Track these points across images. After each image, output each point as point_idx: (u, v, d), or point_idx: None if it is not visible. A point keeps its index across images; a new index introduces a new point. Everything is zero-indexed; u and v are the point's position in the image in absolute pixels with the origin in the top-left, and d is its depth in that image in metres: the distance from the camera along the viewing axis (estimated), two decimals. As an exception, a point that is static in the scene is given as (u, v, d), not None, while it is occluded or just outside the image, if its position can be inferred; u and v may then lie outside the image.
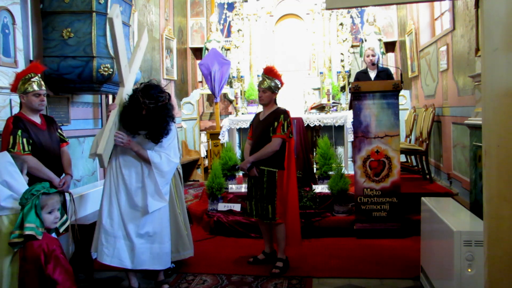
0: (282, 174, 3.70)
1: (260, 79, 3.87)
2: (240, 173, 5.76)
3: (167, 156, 3.23)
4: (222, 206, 5.02)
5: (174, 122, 3.29)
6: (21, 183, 2.84)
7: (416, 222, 3.88)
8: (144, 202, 3.17)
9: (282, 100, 7.15)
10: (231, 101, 8.09)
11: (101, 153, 2.99)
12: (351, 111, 4.88)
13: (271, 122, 3.71)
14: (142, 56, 3.67)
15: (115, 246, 3.13)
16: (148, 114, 3.08)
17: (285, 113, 3.74)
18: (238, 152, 5.75)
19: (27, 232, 2.60)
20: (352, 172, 4.98)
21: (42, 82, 3.21)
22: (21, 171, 2.93)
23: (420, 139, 5.96)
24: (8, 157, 2.86)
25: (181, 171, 3.82)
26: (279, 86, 3.80)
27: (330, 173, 5.15)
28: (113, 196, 3.19)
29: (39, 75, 3.20)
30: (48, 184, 2.80)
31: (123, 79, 3.28)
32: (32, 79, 3.13)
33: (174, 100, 3.48)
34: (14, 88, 3.17)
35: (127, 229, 3.16)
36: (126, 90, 3.28)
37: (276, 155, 3.68)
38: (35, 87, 3.14)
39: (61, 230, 2.91)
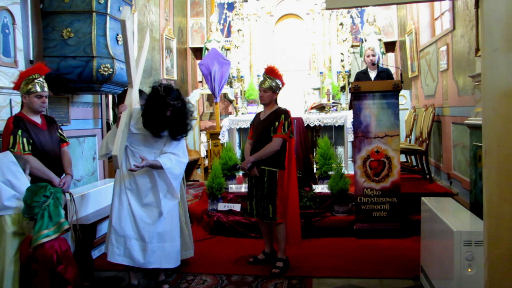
0: (282, 173, 3.70)
1: (261, 79, 3.88)
2: (240, 173, 5.76)
3: (176, 158, 3.26)
4: (222, 206, 5.03)
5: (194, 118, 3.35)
6: (24, 183, 2.85)
7: (416, 222, 3.88)
8: (156, 203, 3.21)
9: (282, 100, 7.14)
10: (231, 101, 8.09)
11: (116, 154, 3.03)
12: (351, 111, 4.88)
13: (271, 122, 3.71)
14: (145, 57, 3.68)
15: (125, 245, 3.15)
16: (174, 114, 3.13)
17: (286, 113, 3.75)
18: (238, 152, 5.75)
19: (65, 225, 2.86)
20: (352, 172, 4.98)
21: (45, 84, 3.20)
22: (24, 171, 2.95)
23: (420, 139, 5.96)
24: (11, 157, 2.87)
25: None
26: (280, 86, 3.82)
27: (330, 173, 5.15)
28: (123, 196, 3.21)
29: (43, 76, 3.21)
30: (39, 185, 2.81)
31: (131, 80, 3.30)
32: (35, 80, 3.13)
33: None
34: (17, 87, 3.17)
35: (138, 228, 3.18)
36: (135, 91, 3.31)
37: (277, 155, 3.68)
38: (38, 89, 3.14)
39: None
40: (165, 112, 3.11)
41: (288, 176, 3.74)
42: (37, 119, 3.24)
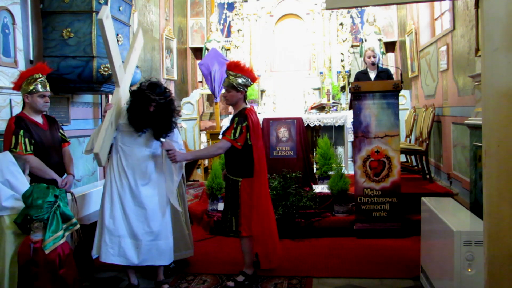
0: (247, 183, 3.32)
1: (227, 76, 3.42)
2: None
3: (181, 150, 3.36)
4: (222, 206, 5.00)
5: (180, 116, 3.32)
6: (23, 183, 2.85)
7: (416, 222, 3.88)
8: (149, 199, 3.21)
9: (282, 100, 7.22)
10: (231, 101, 8.07)
11: (98, 151, 2.99)
12: (351, 111, 4.88)
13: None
14: (137, 57, 3.65)
15: (120, 245, 3.14)
16: (157, 110, 3.12)
17: (242, 115, 3.29)
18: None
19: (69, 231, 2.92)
20: (352, 172, 4.98)
21: (47, 83, 3.21)
22: (23, 171, 2.95)
23: (420, 139, 5.96)
24: (10, 157, 2.87)
25: (183, 171, 3.83)
26: (247, 83, 3.34)
27: (330, 173, 5.15)
28: (114, 195, 3.20)
29: (45, 76, 3.21)
30: (44, 186, 2.81)
31: (118, 79, 3.29)
32: (38, 80, 3.13)
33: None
34: (17, 87, 3.16)
35: (132, 227, 3.17)
36: (122, 90, 3.29)
37: (238, 162, 3.32)
38: (41, 88, 3.14)
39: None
40: (148, 108, 3.11)
41: (259, 185, 3.34)
42: (39, 119, 3.24)
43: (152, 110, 3.11)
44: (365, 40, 7.52)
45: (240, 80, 3.29)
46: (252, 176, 3.32)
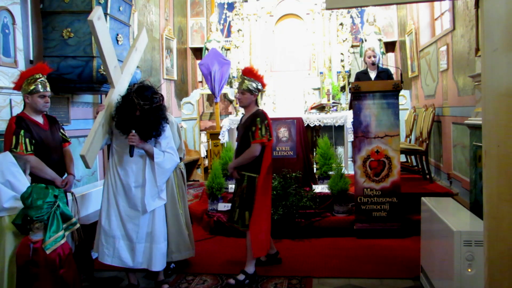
0: (263, 179, 3.51)
1: (239, 80, 3.72)
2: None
3: (169, 155, 3.27)
4: (222, 206, 5.02)
5: (168, 124, 3.30)
6: (24, 183, 2.85)
7: (416, 222, 3.88)
8: (142, 202, 3.19)
9: (282, 100, 7.22)
10: (231, 101, 8.09)
11: (84, 154, 2.97)
12: (351, 111, 4.88)
13: (249, 126, 3.56)
14: (139, 57, 3.61)
15: (114, 246, 3.16)
16: (142, 115, 3.09)
17: (262, 115, 3.57)
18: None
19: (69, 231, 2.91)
20: (352, 172, 4.98)
21: (47, 83, 3.20)
22: (24, 171, 2.94)
23: (420, 139, 5.96)
24: (10, 158, 2.87)
25: (184, 171, 3.83)
26: (260, 88, 3.67)
27: (330, 173, 5.15)
28: (111, 196, 3.21)
29: (45, 76, 3.20)
30: (43, 186, 2.81)
31: (112, 80, 3.26)
32: (38, 80, 3.13)
33: (166, 101, 3.45)
34: (18, 87, 3.16)
35: (126, 229, 3.18)
36: (119, 91, 3.26)
37: (257, 160, 3.51)
38: (41, 88, 3.13)
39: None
40: (134, 112, 3.09)
41: (270, 181, 3.60)
42: (39, 119, 3.24)
43: (138, 114, 3.09)
44: (365, 40, 7.52)
45: (255, 84, 3.62)
46: (267, 172, 3.52)
